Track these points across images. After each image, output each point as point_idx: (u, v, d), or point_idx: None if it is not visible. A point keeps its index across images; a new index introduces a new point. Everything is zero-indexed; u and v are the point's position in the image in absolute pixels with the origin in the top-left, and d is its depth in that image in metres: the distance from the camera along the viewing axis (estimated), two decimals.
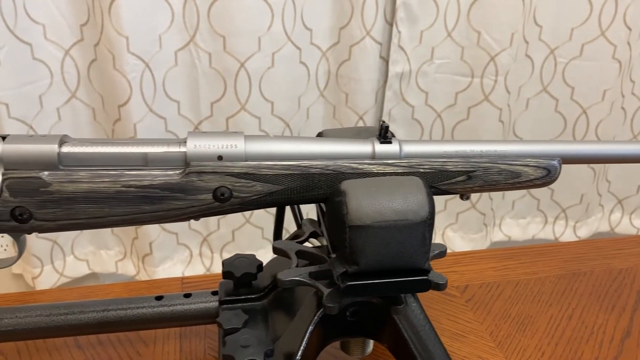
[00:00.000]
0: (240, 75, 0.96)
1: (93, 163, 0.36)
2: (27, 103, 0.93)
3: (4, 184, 0.35)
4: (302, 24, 0.96)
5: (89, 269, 1.08)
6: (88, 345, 0.47)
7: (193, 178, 0.36)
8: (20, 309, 0.44)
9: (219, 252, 1.09)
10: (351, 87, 1.01)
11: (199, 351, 0.47)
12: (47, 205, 0.35)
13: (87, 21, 0.92)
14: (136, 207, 0.36)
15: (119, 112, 0.94)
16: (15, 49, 0.89)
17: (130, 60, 0.90)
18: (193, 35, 0.93)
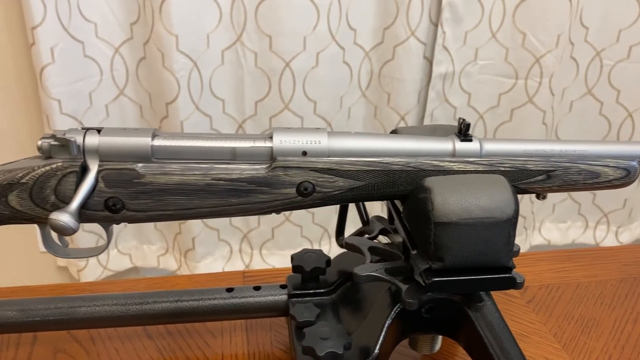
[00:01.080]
0: (284, 74, 0.97)
1: (184, 156, 0.37)
2: (78, 99, 0.95)
3: (99, 175, 0.36)
4: (346, 23, 0.97)
5: (131, 263, 1.10)
6: (158, 335, 0.49)
7: (279, 172, 0.37)
8: (97, 297, 0.46)
9: (258, 249, 1.10)
10: (394, 87, 1.01)
11: (265, 343, 0.48)
12: (140, 197, 0.36)
13: (137, 20, 0.94)
14: (224, 199, 0.37)
15: (166, 110, 0.96)
16: (68, 47, 0.91)
17: (179, 58, 0.92)
18: (240, 34, 0.94)
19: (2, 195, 0.36)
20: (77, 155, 0.36)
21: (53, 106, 0.93)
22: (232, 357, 0.47)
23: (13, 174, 0.36)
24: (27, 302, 0.45)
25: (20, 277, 1.12)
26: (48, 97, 0.92)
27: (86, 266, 1.04)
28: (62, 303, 0.45)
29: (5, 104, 1.00)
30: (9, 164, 0.37)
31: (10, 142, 1.02)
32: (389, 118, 1.03)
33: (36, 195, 0.36)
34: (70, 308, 0.45)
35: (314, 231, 1.10)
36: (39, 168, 0.35)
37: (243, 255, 1.10)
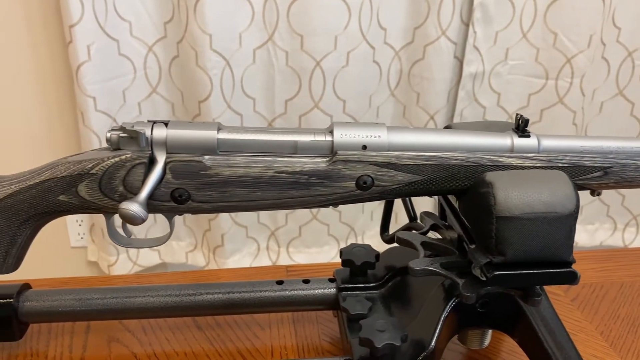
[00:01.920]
0: (315, 73, 0.97)
1: (247, 149, 0.37)
2: (112, 97, 0.97)
3: (167, 167, 0.37)
4: (377, 23, 0.97)
5: (160, 259, 1.11)
6: (207, 326, 0.49)
7: (339, 166, 0.37)
8: (151, 288, 0.47)
9: (285, 247, 1.10)
10: (423, 87, 1.01)
11: (313, 336, 0.49)
12: (205, 188, 0.37)
13: (171, 19, 0.95)
14: (285, 192, 0.38)
15: (199, 108, 0.97)
16: (103, 45, 0.93)
17: (212, 57, 0.93)
18: (272, 34, 0.95)
19: (72, 186, 0.37)
20: (145, 147, 0.36)
21: (88, 103, 0.94)
22: (281, 348, 0.47)
23: (83, 165, 0.37)
24: (83, 291, 0.46)
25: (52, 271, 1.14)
26: (83, 95, 0.94)
27: (117, 261, 1.06)
28: (117, 293, 0.46)
29: (40, 100, 1.02)
30: (78, 155, 0.38)
31: (45, 138, 1.04)
32: (417, 117, 1.03)
33: (105, 186, 0.37)
34: (125, 298, 0.46)
35: (340, 230, 1.10)
36: (108, 159, 0.36)
37: (270, 253, 1.11)
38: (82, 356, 0.46)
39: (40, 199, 0.37)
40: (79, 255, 1.12)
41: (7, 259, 0.38)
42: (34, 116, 1.03)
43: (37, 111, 1.03)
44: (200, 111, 0.97)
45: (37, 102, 1.02)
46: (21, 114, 1.02)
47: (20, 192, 0.37)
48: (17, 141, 1.04)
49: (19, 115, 1.02)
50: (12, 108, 1.02)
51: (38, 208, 0.37)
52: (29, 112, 1.02)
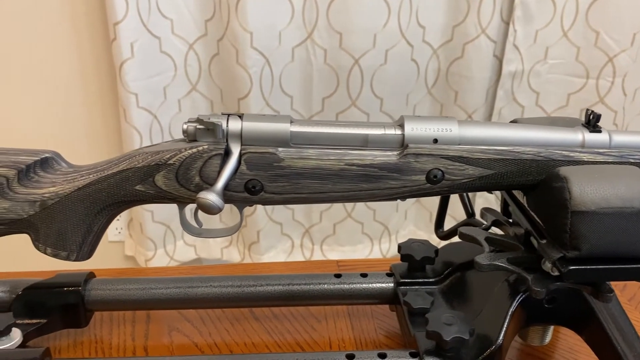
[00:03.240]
0: (353, 71, 0.98)
1: (319, 142, 0.38)
2: (153, 94, 0.98)
3: (242, 158, 0.37)
4: (416, 21, 0.97)
5: (196, 255, 1.13)
6: (264, 318, 0.50)
7: (410, 159, 0.38)
8: (213, 278, 0.48)
9: (319, 245, 1.11)
10: (462, 85, 1.00)
11: (369, 330, 0.49)
12: (278, 180, 0.38)
13: (212, 17, 0.97)
14: (355, 184, 0.38)
15: (238, 105, 0.98)
16: (146, 43, 0.95)
17: (252, 55, 0.94)
18: (311, 32, 0.96)
19: (149, 176, 0.38)
20: (221, 139, 0.37)
21: (130, 100, 0.96)
22: (339, 341, 0.48)
23: (160, 156, 0.37)
24: (147, 281, 0.47)
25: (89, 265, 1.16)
26: (126, 91, 0.95)
27: (154, 256, 1.08)
28: (180, 283, 0.47)
29: (82, 97, 1.04)
30: (154, 146, 0.39)
31: (86, 134, 1.06)
32: (455, 116, 1.03)
33: (182, 176, 0.37)
34: (188, 288, 0.47)
35: (374, 228, 1.10)
36: (185, 150, 0.37)
37: (304, 250, 1.12)
38: (145, 344, 0.47)
39: (118, 189, 0.38)
40: (117, 250, 1.14)
41: (83, 247, 0.39)
42: (75, 112, 1.05)
43: (78, 108, 1.05)
44: (240, 108, 0.98)
45: (79, 98, 1.04)
46: (63, 110, 1.05)
47: (98, 181, 0.38)
48: (58, 137, 1.06)
49: (61, 112, 1.05)
50: (55, 104, 1.04)
51: (115, 197, 0.38)
52: (71, 108, 1.05)
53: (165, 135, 1.02)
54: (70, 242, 0.39)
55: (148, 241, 1.06)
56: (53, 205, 0.38)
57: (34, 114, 1.04)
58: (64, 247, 0.39)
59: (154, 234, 1.06)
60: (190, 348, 0.47)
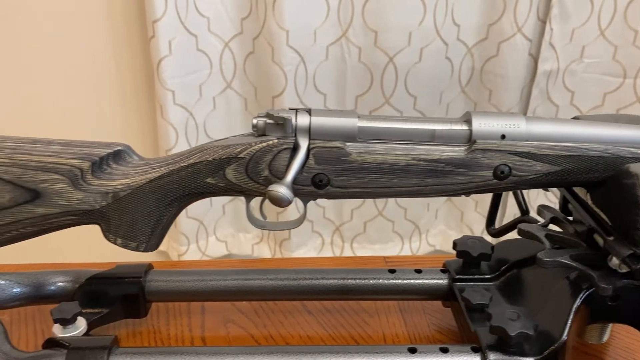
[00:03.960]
0: (387, 69, 0.98)
1: (385, 137, 0.38)
2: (189, 91, 1.00)
3: (310, 152, 0.38)
4: (451, 19, 0.97)
5: (227, 251, 1.14)
6: (316, 312, 0.51)
7: (477, 155, 0.38)
8: (270, 271, 0.48)
9: (350, 243, 1.11)
10: (496, 84, 1.00)
11: (422, 326, 0.49)
12: (345, 174, 0.38)
13: (248, 15, 0.98)
14: (421, 179, 0.38)
15: (272, 103, 0.99)
16: (183, 41, 0.96)
17: (288, 53, 0.95)
18: (346, 30, 0.96)
19: (220, 169, 0.38)
20: (290, 134, 0.38)
21: (167, 97, 0.97)
22: (393, 336, 0.48)
23: (231, 149, 0.38)
24: (205, 272, 0.48)
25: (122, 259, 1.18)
26: (163, 88, 0.97)
27: (187, 251, 1.09)
28: (237, 275, 0.48)
29: (119, 94, 1.06)
30: (224, 140, 0.40)
31: (121, 130, 1.08)
32: None
33: (251, 170, 0.38)
34: (245, 280, 0.48)
35: (405, 227, 1.11)
36: (255, 144, 0.38)
37: (334, 248, 1.12)
38: (202, 335, 0.48)
39: (189, 181, 0.39)
40: None
41: (152, 238, 0.40)
42: (111, 109, 1.07)
43: (115, 104, 1.07)
44: (274, 106, 0.99)
45: (115, 95, 1.06)
46: (99, 107, 1.07)
47: (170, 173, 0.39)
48: (94, 133, 1.08)
49: (97, 109, 1.07)
50: (91, 101, 1.06)
51: (186, 189, 0.39)
52: (107, 105, 1.07)
53: (200, 132, 1.03)
54: (140, 233, 0.39)
55: (181, 236, 1.07)
56: (125, 197, 0.39)
57: (70, 110, 1.06)
58: (134, 238, 0.40)
59: (188, 230, 1.07)
60: (246, 339, 0.48)
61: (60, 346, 0.40)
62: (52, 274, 0.47)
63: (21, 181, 0.38)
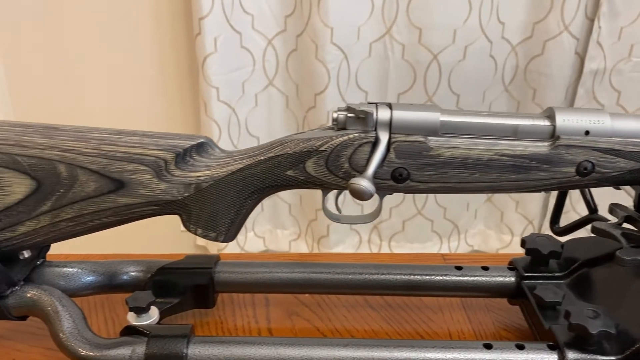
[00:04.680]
0: (431, 67, 0.97)
1: (467, 131, 0.38)
2: (233, 88, 1.01)
3: (391, 146, 0.38)
4: (496, 17, 0.96)
5: (265, 246, 1.14)
6: (379, 307, 0.51)
7: (561, 151, 0.38)
8: (336, 265, 0.49)
9: (387, 241, 1.11)
10: (540, 83, 0.99)
11: (487, 323, 0.49)
12: (425, 168, 0.38)
13: (292, 12, 0.98)
14: (503, 175, 0.38)
15: (314, 100, 0.99)
16: (228, 38, 0.97)
17: (331, 50, 0.95)
18: (390, 27, 0.96)
19: (300, 162, 0.39)
20: (371, 127, 0.38)
21: (212, 94, 0.99)
22: (458, 333, 0.48)
23: (312, 143, 0.39)
24: (273, 264, 0.49)
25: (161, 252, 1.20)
26: (208, 85, 0.98)
27: (226, 247, 1.10)
28: (304, 268, 0.48)
29: (162, 90, 1.07)
30: (303, 134, 0.40)
31: (166, 126, 1.09)
32: None
33: (332, 163, 0.38)
34: (311, 273, 0.48)
35: (444, 226, 1.10)
36: (336, 137, 0.38)
37: (371, 246, 1.12)
38: (269, 327, 0.49)
39: (270, 173, 0.39)
40: (188, 239, 1.17)
41: (231, 229, 0.41)
42: (155, 106, 1.09)
43: (159, 101, 1.08)
44: (316, 104, 1.00)
45: (159, 92, 1.08)
46: (143, 104, 1.08)
47: (251, 166, 0.39)
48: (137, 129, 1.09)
49: (141, 105, 1.08)
50: (135, 98, 1.08)
51: (266, 182, 0.39)
52: (151, 102, 1.08)
53: (242, 129, 1.04)
54: (220, 223, 0.40)
55: None
56: (207, 188, 0.39)
57: (115, 107, 1.08)
58: (214, 229, 0.40)
59: None
60: (312, 332, 0.48)
61: (138, 334, 0.41)
62: (125, 264, 0.48)
63: (107, 171, 0.39)
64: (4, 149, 0.38)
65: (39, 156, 0.38)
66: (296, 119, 1.05)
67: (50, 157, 0.38)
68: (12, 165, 0.38)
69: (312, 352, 0.39)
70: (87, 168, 0.39)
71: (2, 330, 0.47)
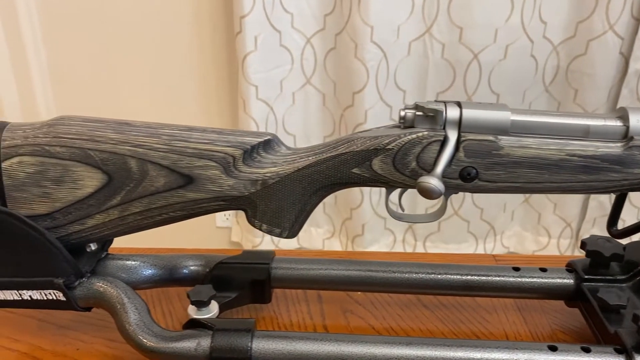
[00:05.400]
0: (471, 66, 0.97)
1: (538, 131, 0.38)
2: (271, 86, 1.01)
3: (461, 145, 0.38)
4: (539, 16, 0.95)
5: (298, 244, 1.15)
6: (432, 306, 0.51)
7: (635, 152, 0.37)
8: (392, 264, 0.49)
9: (422, 241, 1.11)
10: (582, 83, 0.97)
11: (543, 324, 0.48)
12: (494, 168, 0.38)
13: (331, 11, 0.98)
14: (574, 175, 0.38)
15: (352, 99, 1.00)
16: (268, 36, 0.98)
17: (371, 49, 0.95)
18: (430, 26, 0.96)
19: (367, 159, 0.39)
20: (440, 126, 0.38)
21: (251, 92, 1.00)
22: (515, 334, 0.48)
23: (379, 141, 0.39)
24: (329, 262, 0.49)
25: None
26: (247, 83, 0.99)
27: (260, 243, 1.11)
28: (361, 266, 0.48)
29: (202, 88, 1.09)
30: (369, 131, 0.40)
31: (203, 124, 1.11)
32: None
33: (399, 161, 0.38)
34: (367, 271, 0.48)
35: (480, 227, 1.09)
36: (404, 136, 0.38)
37: (406, 246, 1.12)
38: (324, 324, 0.49)
39: (335, 171, 0.39)
40: (223, 235, 1.18)
41: (295, 225, 0.41)
42: (193, 103, 1.10)
43: (197, 98, 1.10)
44: (354, 102, 1.00)
45: (197, 89, 1.09)
46: (181, 101, 1.10)
47: (317, 163, 0.39)
48: None
49: (181, 103, 1.10)
50: (173, 95, 1.09)
51: (331, 179, 0.40)
52: (189, 99, 1.10)
53: (279, 127, 1.05)
54: (284, 220, 0.41)
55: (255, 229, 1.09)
56: (273, 185, 0.40)
57: (154, 104, 1.10)
58: (279, 225, 0.41)
59: None
60: (367, 330, 0.48)
61: (202, 327, 0.41)
62: (185, 258, 0.48)
63: (177, 167, 0.39)
64: (77, 143, 0.39)
65: (111, 151, 0.39)
66: (332, 117, 1.05)
67: (122, 152, 0.39)
68: (85, 160, 0.39)
69: (375, 349, 0.39)
70: (158, 163, 0.39)
71: (65, 320, 0.48)
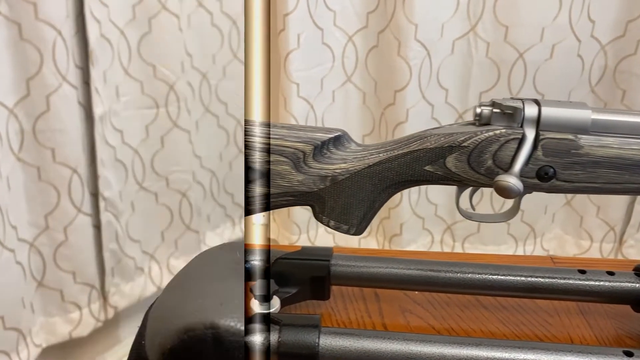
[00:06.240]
0: (516, 66, 0.95)
1: (619, 130, 0.37)
2: (312, 84, 1.01)
3: (539, 143, 0.37)
4: (587, 15, 0.93)
5: (334, 243, 1.15)
6: (492, 307, 0.50)
7: None
8: (455, 264, 0.48)
9: (461, 242, 1.09)
10: (631, 84, 0.95)
11: (609, 329, 0.47)
12: (573, 167, 0.37)
13: (375, 9, 0.98)
14: None
15: (394, 97, 0.99)
16: (311, 34, 0.98)
17: (414, 47, 0.94)
18: (475, 24, 0.94)
19: (440, 157, 0.38)
20: (517, 124, 0.37)
21: (292, 89, 1.00)
22: (580, 338, 0.47)
23: (454, 138, 0.38)
24: (390, 260, 0.49)
25: None
26: (289, 81, 0.99)
27: (297, 240, 1.11)
28: (422, 266, 0.48)
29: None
30: (442, 128, 0.40)
31: None
32: None
33: (474, 159, 0.38)
34: (428, 271, 0.48)
35: (521, 229, 1.07)
36: (481, 133, 0.38)
37: (443, 246, 1.11)
38: (383, 322, 0.49)
39: (407, 168, 0.39)
40: None
41: (362, 222, 0.41)
42: None
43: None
44: (395, 101, 0.99)
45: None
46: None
47: (388, 160, 0.39)
48: None
49: None
50: None
51: (402, 176, 0.39)
52: None
53: (319, 125, 1.05)
54: (353, 216, 0.40)
55: (293, 225, 1.10)
56: (343, 181, 0.40)
57: None
58: (347, 221, 0.41)
59: (300, 219, 1.09)
60: (427, 329, 0.48)
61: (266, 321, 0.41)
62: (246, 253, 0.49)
63: (247, 162, 0.40)
64: None
65: None
66: (372, 115, 1.05)
67: None
68: None
69: (444, 350, 0.39)
70: None
71: None
